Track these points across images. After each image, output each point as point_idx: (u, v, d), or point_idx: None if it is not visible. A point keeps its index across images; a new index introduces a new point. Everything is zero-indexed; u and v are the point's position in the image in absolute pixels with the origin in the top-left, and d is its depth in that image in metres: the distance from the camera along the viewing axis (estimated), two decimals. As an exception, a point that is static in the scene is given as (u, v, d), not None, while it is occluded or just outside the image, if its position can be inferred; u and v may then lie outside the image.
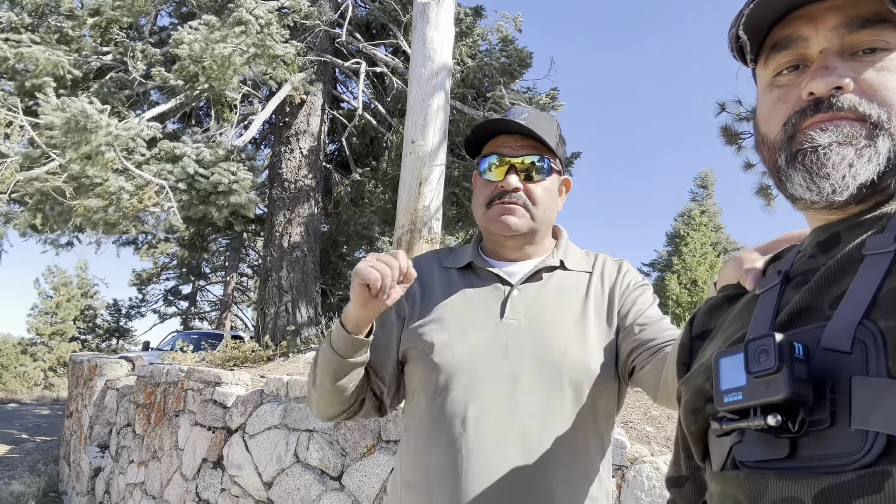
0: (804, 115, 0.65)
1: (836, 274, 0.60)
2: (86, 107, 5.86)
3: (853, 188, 0.62)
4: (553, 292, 1.31)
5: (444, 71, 5.05)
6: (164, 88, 7.99)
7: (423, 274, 1.38)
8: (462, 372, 1.22)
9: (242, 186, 6.95)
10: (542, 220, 1.33)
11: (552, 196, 1.35)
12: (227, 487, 3.90)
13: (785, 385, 0.51)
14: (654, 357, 1.16)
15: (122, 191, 6.33)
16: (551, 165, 1.33)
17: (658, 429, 2.88)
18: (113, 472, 5.97)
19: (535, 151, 1.31)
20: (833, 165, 0.62)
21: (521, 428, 1.18)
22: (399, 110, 9.17)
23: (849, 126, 0.62)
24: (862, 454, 0.48)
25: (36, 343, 24.09)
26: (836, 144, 0.62)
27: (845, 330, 0.53)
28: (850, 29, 0.64)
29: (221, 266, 22.30)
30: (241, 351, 6.23)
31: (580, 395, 1.21)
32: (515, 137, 1.32)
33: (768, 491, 0.53)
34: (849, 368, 0.52)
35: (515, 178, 1.29)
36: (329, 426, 3.34)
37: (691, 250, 22.79)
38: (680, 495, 0.79)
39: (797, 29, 0.67)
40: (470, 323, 1.27)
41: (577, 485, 1.19)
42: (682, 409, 0.72)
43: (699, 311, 0.84)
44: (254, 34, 7.13)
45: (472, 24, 9.42)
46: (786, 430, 0.53)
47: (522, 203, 1.30)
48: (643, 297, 1.32)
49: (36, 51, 7.23)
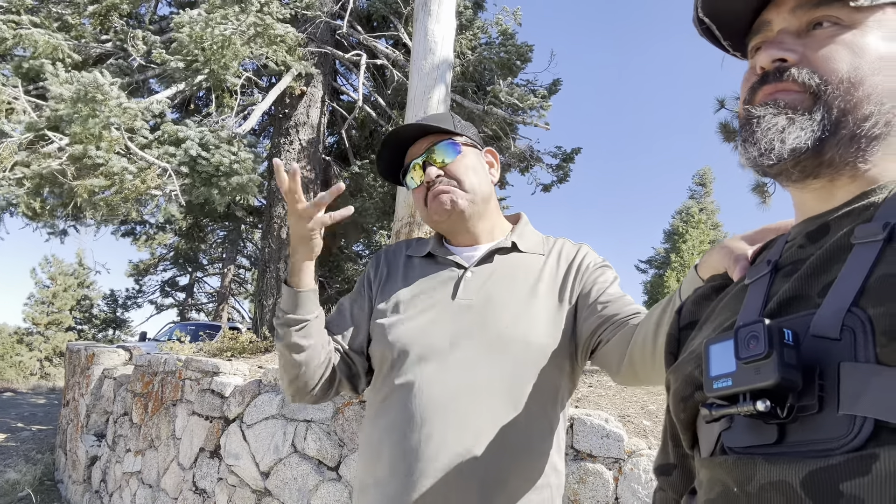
0: (754, 90, 0.69)
1: (826, 263, 0.60)
2: (97, 77, 5.87)
3: (784, 152, 0.65)
4: (504, 273, 1.36)
5: (445, 64, 5.04)
6: (163, 76, 7.97)
7: (391, 262, 1.48)
8: (410, 348, 1.27)
9: (244, 167, 6.95)
10: (476, 192, 1.39)
11: (476, 169, 1.42)
12: (224, 477, 3.92)
13: (774, 370, 0.52)
14: (618, 331, 1.20)
15: (125, 171, 6.33)
16: (456, 143, 1.40)
17: (655, 423, 2.90)
18: (109, 460, 5.98)
19: (436, 140, 1.39)
20: (763, 132, 0.66)
21: (460, 401, 1.22)
22: (399, 103, 9.16)
23: (789, 96, 0.66)
24: (850, 438, 0.49)
25: (32, 333, 24.04)
26: (770, 115, 0.66)
27: (834, 317, 0.54)
28: (805, 9, 0.68)
29: (219, 257, 22.26)
30: (239, 342, 6.23)
31: (522, 372, 1.24)
32: (418, 144, 1.42)
33: (756, 475, 0.53)
34: (837, 355, 0.52)
35: (433, 168, 1.37)
36: (327, 417, 3.35)
37: (690, 248, 22.85)
38: (668, 483, 0.80)
39: (766, 14, 0.71)
40: (423, 304, 1.33)
41: (517, 460, 1.22)
42: (671, 398, 0.73)
43: (687, 301, 0.85)
44: (253, 13, 7.11)
45: (473, 16, 9.40)
46: (775, 416, 0.53)
47: (448, 186, 1.36)
48: (603, 277, 1.35)
49: (35, 33, 7.21)
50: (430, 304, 1.33)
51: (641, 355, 1.10)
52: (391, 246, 1.54)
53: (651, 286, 24.11)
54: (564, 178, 10.07)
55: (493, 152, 1.51)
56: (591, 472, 2.36)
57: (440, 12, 5.07)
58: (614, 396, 3.41)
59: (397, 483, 1.21)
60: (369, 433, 1.33)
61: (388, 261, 1.48)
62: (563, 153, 10.02)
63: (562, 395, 1.31)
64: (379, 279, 1.45)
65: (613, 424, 2.46)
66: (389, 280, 1.43)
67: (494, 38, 9.51)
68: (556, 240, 1.46)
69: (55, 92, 5.98)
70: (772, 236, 0.82)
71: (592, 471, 2.36)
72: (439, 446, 1.19)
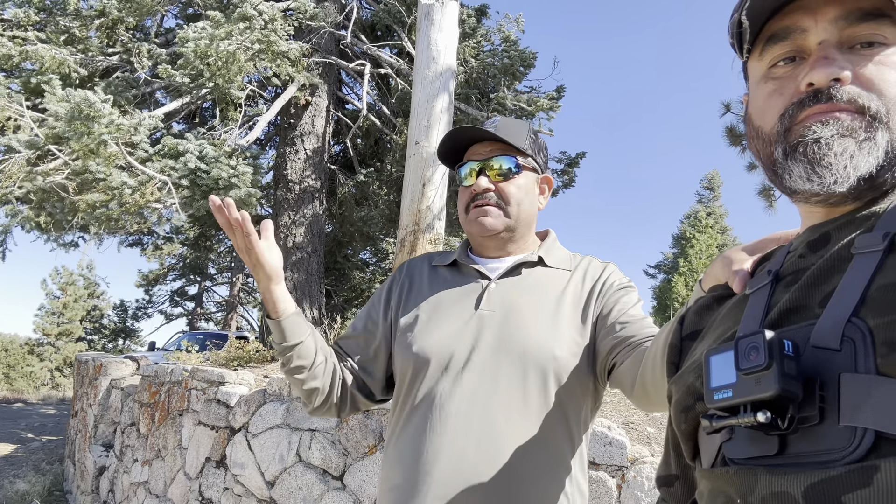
0: (802, 106, 0.65)
1: (826, 273, 0.60)
2: (89, 95, 5.92)
3: (853, 179, 0.61)
4: (530, 287, 1.35)
5: (448, 72, 5.05)
6: (169, 88, 8.03)
7: (413, 274, 1.47)
8: (433, 359, 1.27)
9: (242, 181, 6.98)
10: (518, 217, 1.37)
11: (527, 193, 1.39)
12: (230, 486, 3.91)
13: (774, 381, 0.51)
14: (633, 352, 1.18)
15: (125, 186, 6.38)
16: (520, 164, 1.37)
17: (659, 430, 2.88)
18: (117, 470, 5.99)
19: (504, 153, 1.37)
20: (835, 156, 0.62)
21: (483, 416, 1.21)
22: (403, 111, 9.18)
23: (849, 118, 0.62)
24: (851, 450, 0.48)
25: (43, 343, 24.16)
26: (837, 136, 0.62)
27: (834, 327, 0.53)
28: (848, 22, 0.64)
29: (227, 267, 22.34)
30: (246, 351, 6.25)
31: (546, 386, 1.23)
32: (486, 144, 1.39)
33: (758, 486, 0.53)
34: (838, 365, 0.52)
35: (485, 179, 1.35)
36: (331, 426, 3.34)
37: (697, 252, 22.77)
38: (669, 494, 0.79)
39: (796, 20, 0.67)
40: (446, 314, 1.32)
41: (539, 477, 1.20)
42: (672, 408, 0.72)
43: (689, 311, 0.84)
44: (258, 30, 7.16)
45: (476, 24, 9.43)
46: (775, 427, 0.53)
47: (495, 202, 1.35)
48: (626, 298, 1.33)
49: (41, 48, 7.28)
50: (453, 314, 1.32)
51: (652, 376, 1.08)
52: (415, 259, 1.53)
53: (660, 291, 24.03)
54: (570, 182, 10.08)
55: (549, 180, 1.47)
56: (593, 480, 2.34)
57: (443, 21, 5.08)
58: (619, 403, 3.39)
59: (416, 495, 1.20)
60: (391, 443, 1.33)
61: (409, 273, 1.48)
62: (568, 158, 10.03)
63: (585, 414, 1.30)
64: (400, 291, 1.44)
65: (616, 432, 2.44)
66: (412, 292, 1.43)
67: (497, 45, 9.53)
68: (583, 257, 1.45)
69: (52, 110, 6.04)
70: (773, 246, 0.81)
71: (595, 479, 2.35)
72: (460, 459, 1.18)
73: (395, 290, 1.45)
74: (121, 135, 6.23)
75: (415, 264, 1.50)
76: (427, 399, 1.25)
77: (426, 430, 1.23)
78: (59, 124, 6.06)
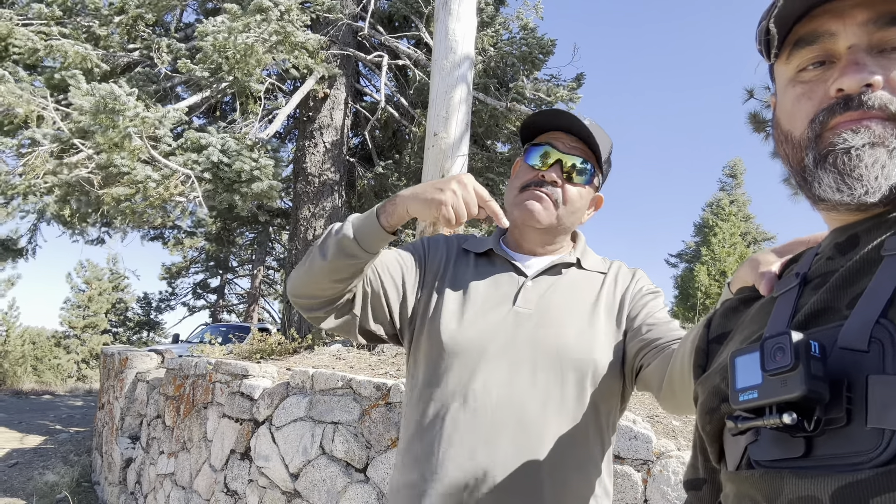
0: (832, 113, 0.63)
1: (854, 275, 0.59)
2: (114, 88, 6.00)
3: (885, 189, 0.60)
4: (566, 287, 1.33)
5: (467, 62, 5.04)
6: (189, 82, 8.10)
7: (449, 252, 1.42)
8: (468, 352, 1.24)
9: (264, 173, 7.03)
10: (564, 221, 1.35)
11: (582, 203, 1.37)
12: (255, 478, 3.96)
13: (801, 383, 0.51)
14: (660, 354, 1.17)
15: (149, 179, 6.46)
16: (593, 175, 1.35)
17: (685, 423, 2.86)
18: (144, 462, 6.09)
19: (584, 156, 1.33)
20: (866, 167, 0.61)
21: (519, 411, 1.19)
22: (422, 102, 9.17)
23: (880, 126, 0.61)
24: (878, 452, 0.48)
25: (69, 336, 24.59)
26: (868, 146, 0.61)
27: (862, 329, 0.52)
28: (878, 25, 0.62)
29: (249, 259, 22.59)
30: (268, 343, 6.30)
31: (582, 387, 1.22)
32: (570, 136, 1.34)
33: (784, 490, 0.52)
34: (865, 367, 0.51)
35: (557, 171, 1.31)
36: (354, 418, 3.37)
37: (720, 241, 22.50)
38: (697, 498, 0.78)
39: (824, 24, 0.65)
40: (482, 306, 1.29)
41: (571, 476, 1.20)
42: (698, 410, 0.72)
43: (715, 314, 0.83)
44: (274, 21, 7.19)
45: (494, 12, 9.38)
46: (801, 429, 0.52)
47: (554, 198, 1.32)
48: (654, 303, 1.33)
49: (65, 43, 7.38)
50: (488, 306, 1.29)
51: (680, 378, 1.07)
52: (439, 235, 1.48)
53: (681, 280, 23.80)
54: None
55: (601, 200, 1.45)
56: (619, 475, 2.33)
57: (461, 11, 5.06)
58: (643, 396, 3.36)
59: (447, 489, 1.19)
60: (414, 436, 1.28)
61: (447, 248, 1.42)
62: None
63: (613, 417, 1.30)
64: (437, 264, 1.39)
65: (641, 426, 2.43)
66: (446, 272, 1.37)
67: (515, 33, 9.47)
68: (612, 262, 1.44)
69: (77, 104, 6.12)
70: (801, 249, 0.80)
71: (620, 473, 2.34)
72: (492, 456, 1.18)
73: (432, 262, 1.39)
74: (145, 128, 6.31)
75: (451, 243, 1.44)
76: (457, 392, 1.23)
77: (458, 425, 1.20)
78: (84, 118, 6.14)
